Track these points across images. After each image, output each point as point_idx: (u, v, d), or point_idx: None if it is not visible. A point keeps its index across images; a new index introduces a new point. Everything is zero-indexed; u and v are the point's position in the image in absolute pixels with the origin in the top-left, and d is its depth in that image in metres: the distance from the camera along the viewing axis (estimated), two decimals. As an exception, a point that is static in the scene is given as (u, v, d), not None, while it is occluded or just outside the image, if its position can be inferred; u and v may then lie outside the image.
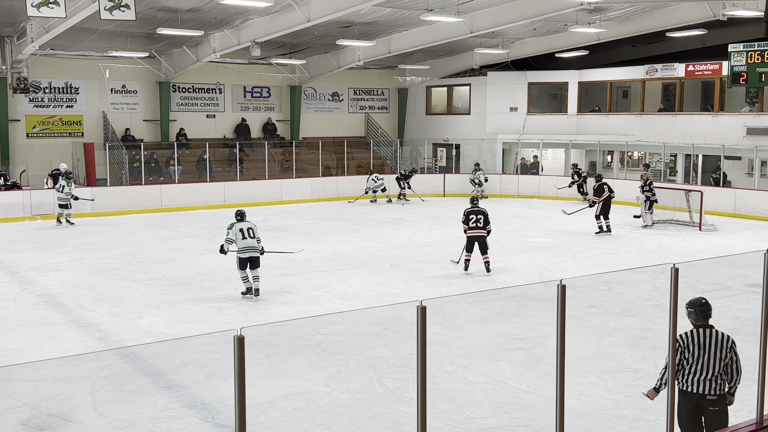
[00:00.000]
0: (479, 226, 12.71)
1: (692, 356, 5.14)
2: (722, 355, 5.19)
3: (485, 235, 12.75)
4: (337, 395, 7.28)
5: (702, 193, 18.09)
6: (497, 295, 10.98)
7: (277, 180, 23.77)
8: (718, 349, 5.20)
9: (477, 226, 12.70)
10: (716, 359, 5.18)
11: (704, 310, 5.30)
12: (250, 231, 11.09)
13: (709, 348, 5.17)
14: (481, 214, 12.75)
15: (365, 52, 23.67)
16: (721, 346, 5.23)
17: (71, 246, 15.65)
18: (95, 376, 7.54)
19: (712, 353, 5.17)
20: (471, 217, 12.74)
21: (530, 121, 26.21)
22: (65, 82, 23.02)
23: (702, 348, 5.17)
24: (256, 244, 11.09)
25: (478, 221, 12.70)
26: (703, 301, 5.33)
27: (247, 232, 11.07)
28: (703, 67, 22.64)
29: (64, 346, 8.77)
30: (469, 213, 12.82)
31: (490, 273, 12.68)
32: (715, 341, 5.21)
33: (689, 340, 5.19)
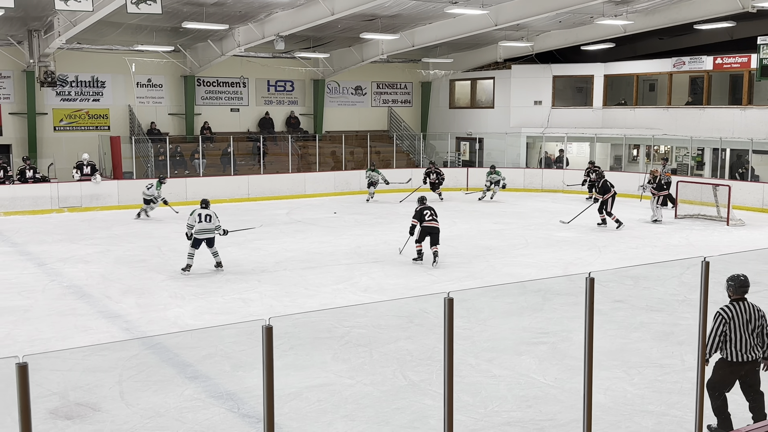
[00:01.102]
0: (435, 219, 13.10)
1: (736, 328, 5.68)
2: (756, 325, 5.78)
3: (439, 228, 13.15)
4: (361, 387, 7.29)
5: (730, 187, 17.86)
6: (521, 289, 10.92)
7: (300, 173, 23.85)
8: (754, 319, 5.79)
9: (433, 219, 13.08)
10: (753, 328, 5.77)
11: (743, 284, 5.84)
12: (207, 218, 12.37)
13: (747, 319, 5.74)
14: (432, 210, 13.24)
15: (389, 46, 23.63)
16: (756, 316, 5.81)
17: (98, 238, 15.82)
18: (123, 366, 7.62)
19: (750, 323, 5.75)
20: (425, 212, 13.10)
21: (555, 114, 26.02)
22: (92, 75, 23.24)
23: (742, 319, 5.72)
24: (212, 227, 12.41)
25: (433, 215, 13.11)
26: (742, 277, 5.85)
27: (205, 218, 12.35)
28: (732, 59, 22.31)
29: (92, 336, 8.87)
30: (422, 210, 13.16)
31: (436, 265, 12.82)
32: (750, 312, 5.78)
33: (733, 313, 5.72)
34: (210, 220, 12.45)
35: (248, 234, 16.26)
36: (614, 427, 6.20)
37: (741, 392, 5.94)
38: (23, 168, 20.11)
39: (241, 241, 15.28)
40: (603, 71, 25.70)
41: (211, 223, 12.46)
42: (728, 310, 5.72)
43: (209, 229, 12.42)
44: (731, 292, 5.83)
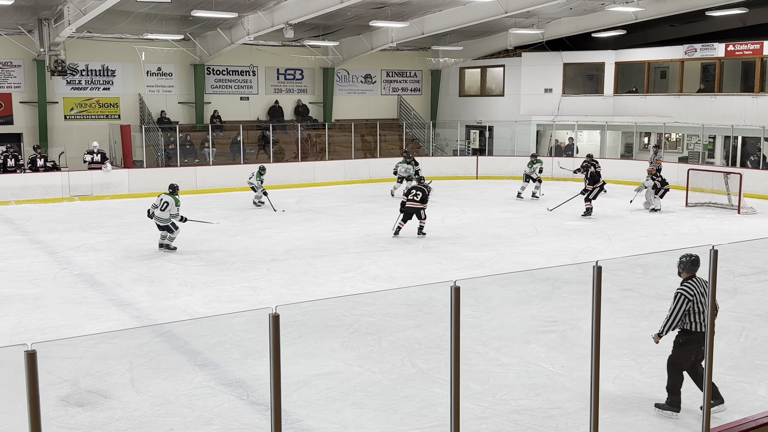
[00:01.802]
0: (416, 200, 14.38)
1: (696, 302, 6.06)
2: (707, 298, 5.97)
3: (421, 208, 14.44)
4: (370, 375, 7.32)
5: (741, 175, 17.75)
6: (530, 278, 10.91)
7: (309, 162, 23.86)
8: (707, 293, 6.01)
9: (413, 199, 14.38)
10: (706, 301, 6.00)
11: (695, 262, 6.17)
12: (164, 204, 12.78)
13: (702, 292, 6.09)
14: (420, 191, 14.48)
15: (398, 34, 23.55)
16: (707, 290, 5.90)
17: (109, 227, 15.91)
18: (133, 354, 7.68)
19: (704, 296, 6.05)
20: (411, 192, 14.54)
21: (565, 102, 25.89)
22: (102, 64, 23.29)
23: (699, 293, 6.09)
24: (164, 216, 12.79)
25: (416, 196, 14.40)
26: (693, 257, 6.15)
27: (162, 204, 12.79)
28: (744, 47, 22.11)
29: (103, 324, 8.93)
30: (410, 189, 14.68)
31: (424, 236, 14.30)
32: (703, 286, 6.07)
33: (694, 290, 6.10)
34: (164, 208, 12.76)
35: (257, 222, 16.33)
36: (622, 415, 6.20)
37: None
38: (34, 157, 20.21)
39: (250, 230, 15.34)
40: (614, 59, 25.53)
41: (164, 211, 12.77)
42: (689, 288, 6.08)
43: (159, 218, 12.84)
44: (684, 269, 6.17)
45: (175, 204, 12.90)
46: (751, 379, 7.00)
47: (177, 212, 12.96)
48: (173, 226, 13.06)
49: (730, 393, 6.54)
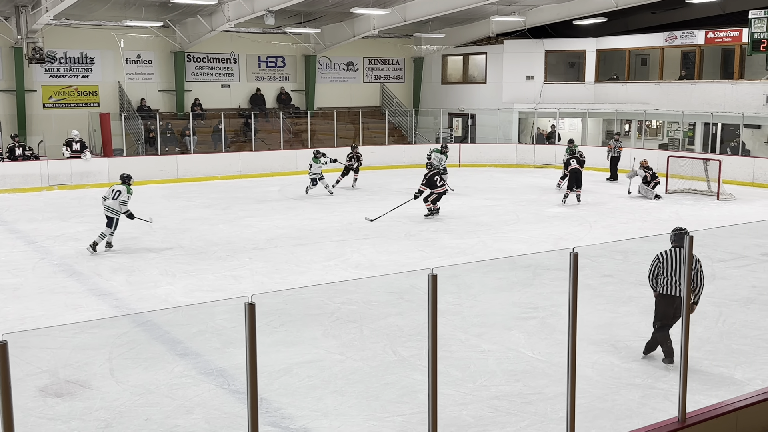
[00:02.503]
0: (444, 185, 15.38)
1: (667, 268, 6.95)
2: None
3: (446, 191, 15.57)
4: (351, 363, 7.34)
5: (720, 162, 17.90)
6: (511, 265, 10.97)
7: (292, 150, 23.75)
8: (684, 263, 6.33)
9: (442, 185, 15.29)
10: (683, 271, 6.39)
11: (680, 237, 6.92)
12: (116, 193, 12.15)
13: (679, 262, 6.87)
14: (441, 176, 15.49)
15: (380, 21, 23.46)
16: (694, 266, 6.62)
17: (88, 216, 15.77)
18: (113, 344, 7.64)
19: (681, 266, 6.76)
20: (436, 178, 15.18)
21: (547, 90, 25.94)
22: (80, 52, 23.03)
23: (676, 262, 6.93)
24: (113, 206, 12.11)
25: (443, 180, 15.47)
26: (682, 230, 6.81)
27: (114, 193, 12.18)
28: (723, 34, 22.24)
29: (82, 314, 8.87)
30: (432, 176, 15.19)
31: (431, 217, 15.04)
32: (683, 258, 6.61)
33: (666, 257, 7.00)
34: (117, 197, 12.13)
35: (239, 211, 16.26)
36: (601, 400, 6.26)
37: None
38: (12, 146, 19.97)
39: (232, 219, 15.27)
40: (595, 46, 25.60)
41: (115, 200, 12.12)
42: (664, 253, 7.00)
43: (111, 208, 12.16)
44: (672, 240, 7.11)
45: (127, 192, 12.25)
46: (728, 363, 7.09)
47: (127, 201, 12.23)
48: (116, 222, 12.19)
49: (707, 377, 6.63)
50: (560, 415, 5.59)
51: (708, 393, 6.11)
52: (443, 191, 15.38)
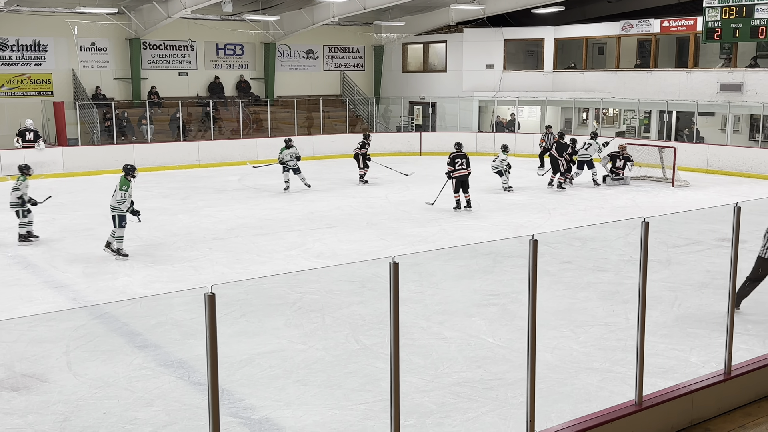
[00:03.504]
0: (464, 168, 14.42)
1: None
2: None
3: (468, 174, 14.48)
4: (314, 352, 7.33)
5: (675, 149, 18.25)
6: (472, 252, 11.05)
7: (252, 139, 23.54)
8: None
9: (462, 167, 14.41)
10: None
11: None
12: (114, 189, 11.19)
13: None
14: (464, 158, 14.48)
15: (340, 8, 23.31)
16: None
17: (43, 207, 15.40)
18: (70, 337, 7.51)
19: None
20: (457, 161, 14.41)
21: (506, 78, 26.11)
22: (33, 39, 22.45)
23: None
24: (114, 204, 11.05)
25: (462, 164, 14.42)
26: None
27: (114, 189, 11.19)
28: (678, 22, 22.61)
29: (38, 306, 8.71)
30: (455, 157, 14.49)
31: (471, 209, 14.41)
32: None
33: None
34: (113, 193, 11.07)
35: (199, 201, 16.09)
36: (560, 384, 6.35)
37: None
38: (-38, 135, 19.44)
39: (191, 209, 15.10)
40: (553, 35, 25.82)
41: (113, 197, 11.02)
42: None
43: (111, 205, 11.09)
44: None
45: (120, 188, 11.05)
46: (683, 346, 7.25)
47: (123, 199, 10.97)
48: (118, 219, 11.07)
49: (663, 360, 6.77)
50: (521, 400, 5.66)
51: (664, 376, 6.24)
52: (464, 175, 14.52)
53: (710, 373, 5.72)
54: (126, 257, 10.93)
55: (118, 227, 11.03)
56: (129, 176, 11.29)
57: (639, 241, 4.89)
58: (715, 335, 6.93)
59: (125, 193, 11.02)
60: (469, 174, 14.50)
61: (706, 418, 5.39)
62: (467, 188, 14.52)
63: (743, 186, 17.99)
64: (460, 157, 14.48)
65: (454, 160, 14.46)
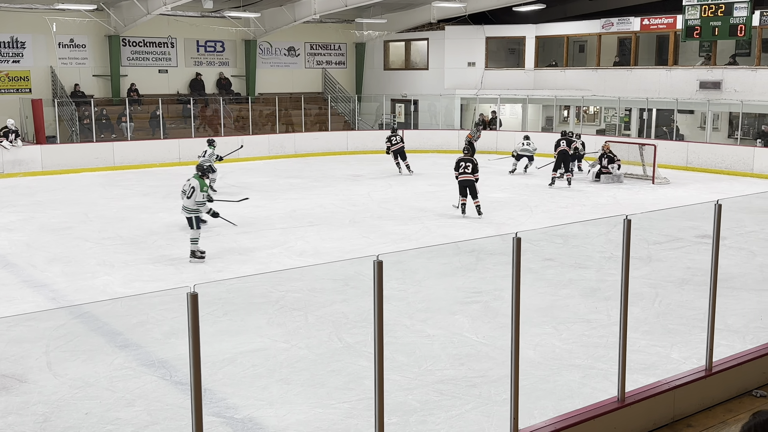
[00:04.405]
0: (467, 172, 13.81)
1: None
2: None
3: (473, 180, 13.80)
4: (297, 351, 7.30)
5: (655, 146, 18.38)
6: (455, 250, 11.06)
7: (233, 137, 23.41)
8: None
9: (465, 171, 13.82)
10: None
11: None
12: (190, 189, 10.61)
13: None
14: (470, 162, 13.87)
15: (321, 5, 23.23)
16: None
17: (21, 205, 15.27)
18: (49, 336, 7.43)
19: None
20: (461, 164, 13.89)
21: (488, 76, 26.17)
22: (10, 36, 22.16)
23: None
24: (189, 205, 10.55)
25: (466, 167, 13.83)
26: None
27: (188, 190, 10.62)
28: (658, 20, 22.77)
29: (17, 306, 8.60)
30: (459, 160, 14.01)
31: (482, 216, 13.73)
32: None
33: None
34: (191, 194, 10.43)
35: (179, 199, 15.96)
36: (543, 381, 6.38)
37: None
38: (-62, 133, 19.17)
39: (172, 207, 14.97)
40: (534, 32, 25.90)
41: (191, 200, 10.36)
42: None
43: (185, 207, 10.56)
44: None
45: (200, 188, 10.53)
46: (664, 343, 7.30)
47: (203, 200, 10.53)
48: (196, 221, 10.56)
49: (644, 357, 6.81)
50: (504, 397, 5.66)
51: (646, 372, 6.28)
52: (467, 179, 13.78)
53: (691, 370, 5.76)
54: (203, 256, 10.61)
55: (195, 229, 10.60)
56: (205, 177, 10.90)
57: (620, 237, 4.91)
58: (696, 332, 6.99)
59: (206, 194, 10.67)
60: (476, 180, 13.79)
61: (688, 414, 5.43)
62: (475, 193, 13.85)
63: (722, 183, 18.16)
64: (465, 161, 13.89)
65: (459, 164, 13.94)
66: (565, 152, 17.56)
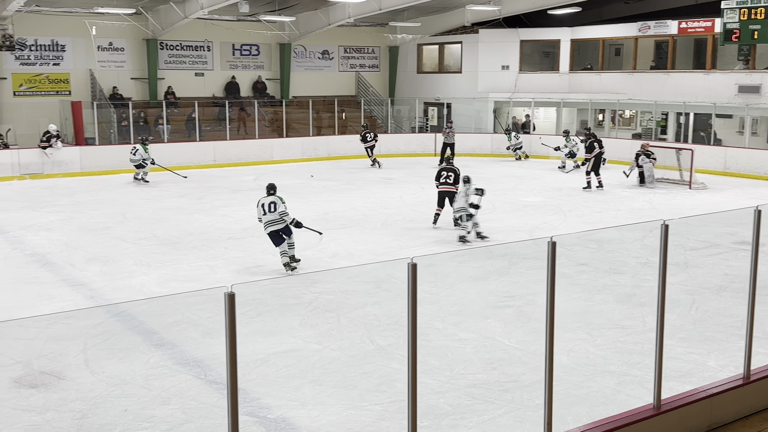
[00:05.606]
0: (449, 183, 13.23)
1: None
2: None
3: (455, 191, 13.03)
4: (329, 352, 7.34)
5: (692, 151, 18.10)
6: (488, 254, 11.02)
7: (267, 139, 23.61)
8: None
9: (447, 182, 13.26)
10: None
11: None
12: (272, 205, 10.36)
13: None
14: (452, 172, 13.35)
15: (355, 9, 23.33)
16: None
17: (61, 205, 15.57)
18: (87, 334, 7.56)
19: None
20: (442, 174, 13.37)
21: (522, 79, 26.03)
22: (51, 39, 22.63)
23: None
24: (277, 218, 10.33)
25: (447, 178, 13.28)
26: None
27: (269, 206, 10.36)
28: (696, 24, 22.45)
29: (56, 304, 8.77)
30: (442, 170, 13.52)
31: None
32: None
33: None
34: (274, 208, 10.39)
35: (214, 201, 16.17)
36: (577, 387, 6.32)
37: None
38: (-18, 134, 19.63)
39: (207, 208, 15.17)
40: (569, 36, 25.71)
41: (275, 212, 10.37)
42: None
43: (273, 221, 10.35)
44: None
45: (281, 201, 10.51)
46: (701, 350, 7.19)
47: (285, 210, 10.48)
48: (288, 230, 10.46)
49: (681, 364, 6.72)
50: (536, 403, 5.64)
51: (682, 380, 6.20)
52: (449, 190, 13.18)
53: (729, 377, 5.67)
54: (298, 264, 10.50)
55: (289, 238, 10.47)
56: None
57: (656, 243, 4.86)
58: (734, 339, 6.88)
59: (286, 205, 10.53)
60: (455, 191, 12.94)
61: (725, 423, 5.35)
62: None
63: (761, 189, 17.83)
64: (447, 171, 13.37)
65: (440, 173, 13.36)
66: (600, 155, 17.49)
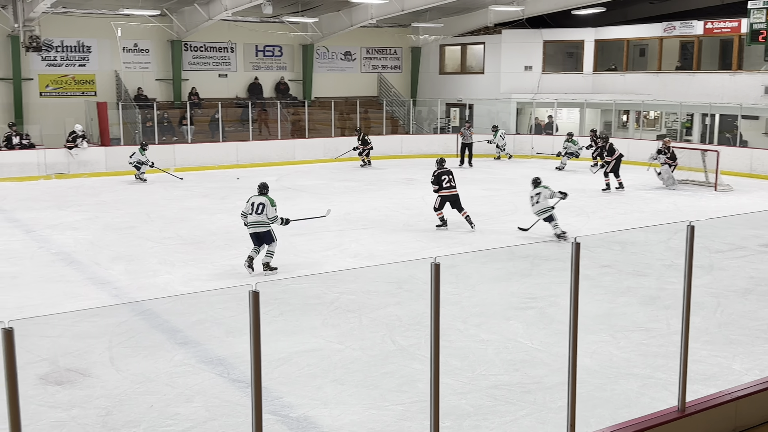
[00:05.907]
0: (453, 186, 13.11)
1: None
2: None
3: (458, 194, 13.13)
4: (351, 352, 7.36)
5: (718, 152, 17.90)
6: (510, 255, 10.97)
7: (289, 140, 23.71)
8: None
9: (451, 185, 13.10)
10: None
11: None
12: (260, 206, 10.20)
13: None
14: (451, 175, 13.19)
15: (378, 10, 23.36)
16: None
17: (86, 205, 15.75)
18: (112, 332, 7.64)
19: None
20: (443, 178, 13.09)
21: (545, 80, 25.90)
22: (77, 40, 22.92)
23: None
24: (263, 220, 10.20)
25: (450, 181, 13.12)
26: None
27: (257, 207, 10.21)
28: (722, 24, 22.21)
29: (81, 302, 8.88)
30: (440, 174, 13.14)
31: (474, 227, 13.00)
32: None
33: None
34: (261, 210, 10.19)
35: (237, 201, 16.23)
36: (600, 389, 6.29)
37: None
38: (9, 134, 19.91)
39: (230, 208, 15.24)
40: (593, 36, 25.54)
41: (261, 213, 10.18)
42: None
43: (257, 222, 10.20)
44: None
45: (271, 204, 10.33)
46: (726, 353, 7.11)
47: (275, 214, 10.35)
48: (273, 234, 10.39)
49: (705, 367, 6.66)
50: (559, 404, 5.61)
51: (706, 383, 6.14)
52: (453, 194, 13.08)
53: (755, 381, 5.61)
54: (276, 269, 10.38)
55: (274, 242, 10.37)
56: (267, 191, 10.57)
57: (681, 245, 4.82)
58: (759, 342, 6.82)
59: (276, 208, 10.39)
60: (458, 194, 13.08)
61: (750, 426, 5.29)
62: (461, 207, 13.08)
63: (788, 191, 17.59)
64: (446, 174, 13.09)
65: (440, 177, 13.02)
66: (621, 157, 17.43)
